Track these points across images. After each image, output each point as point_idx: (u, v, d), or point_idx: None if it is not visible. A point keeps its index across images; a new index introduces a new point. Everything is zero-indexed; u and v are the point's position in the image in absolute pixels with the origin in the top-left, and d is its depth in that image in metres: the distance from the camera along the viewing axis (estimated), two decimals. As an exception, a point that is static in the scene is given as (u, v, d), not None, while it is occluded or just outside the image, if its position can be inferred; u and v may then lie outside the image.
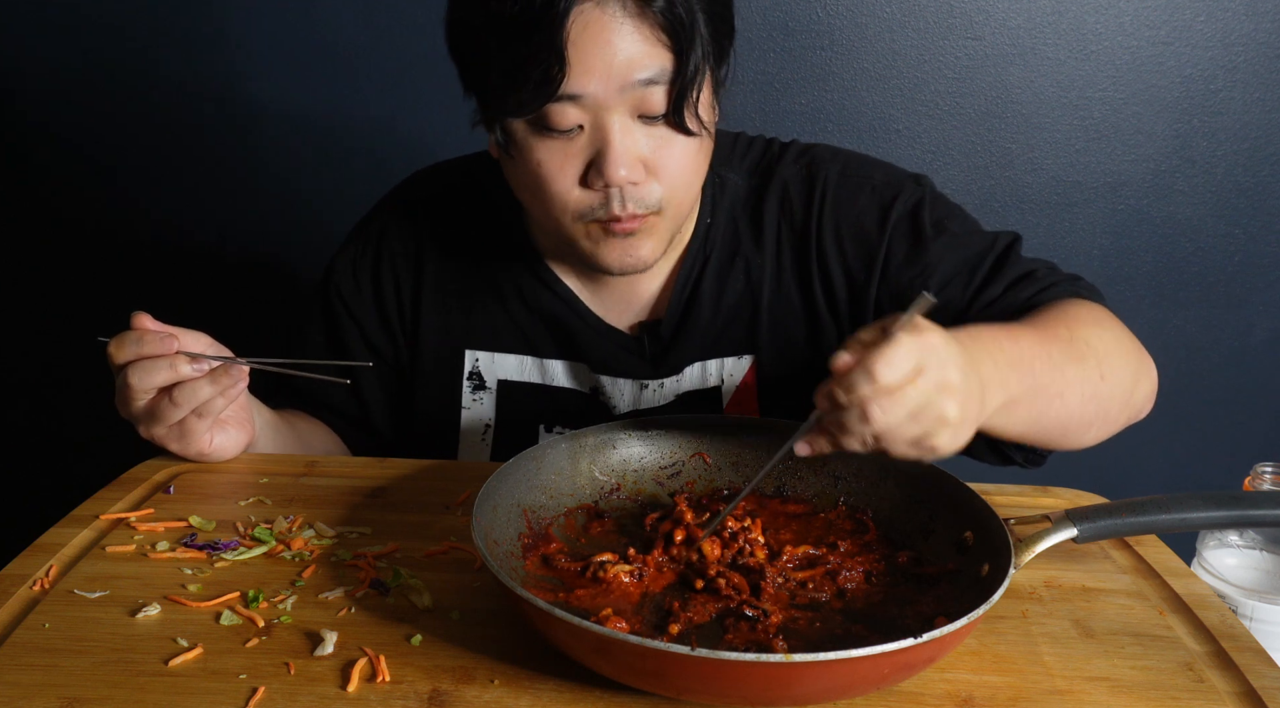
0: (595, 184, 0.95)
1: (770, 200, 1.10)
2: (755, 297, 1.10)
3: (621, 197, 0.95)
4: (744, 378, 1.11)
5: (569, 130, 0.93)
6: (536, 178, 0.96)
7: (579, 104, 0.92)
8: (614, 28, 0.89)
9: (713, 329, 1.11)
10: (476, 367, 1.14)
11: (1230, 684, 0.74)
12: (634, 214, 0.96)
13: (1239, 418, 1.90)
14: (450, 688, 0.71)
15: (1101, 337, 0.93)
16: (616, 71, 0.90)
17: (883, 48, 1.73)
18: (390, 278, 1.16)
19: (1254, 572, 0.98)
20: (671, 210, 0.99)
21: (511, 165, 1.00)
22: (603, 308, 1.13)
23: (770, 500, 0.94)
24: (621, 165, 0.93)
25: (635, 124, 0.94)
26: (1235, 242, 1.82)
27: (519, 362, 1.14)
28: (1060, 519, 0.79)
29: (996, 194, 1.80)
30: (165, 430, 0.99)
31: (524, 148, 0.96)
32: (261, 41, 1.74)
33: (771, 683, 0.64)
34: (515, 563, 0.81)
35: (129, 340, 0.95)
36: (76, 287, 1.88)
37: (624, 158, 0.93)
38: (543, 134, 0.94)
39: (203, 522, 0.92)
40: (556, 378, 1.13)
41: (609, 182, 0.94)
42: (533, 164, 0.96)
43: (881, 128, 1.77)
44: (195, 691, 0.70)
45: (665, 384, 1.12)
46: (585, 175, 0.95)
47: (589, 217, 0.97)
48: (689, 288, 1.11)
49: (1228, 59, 1.73)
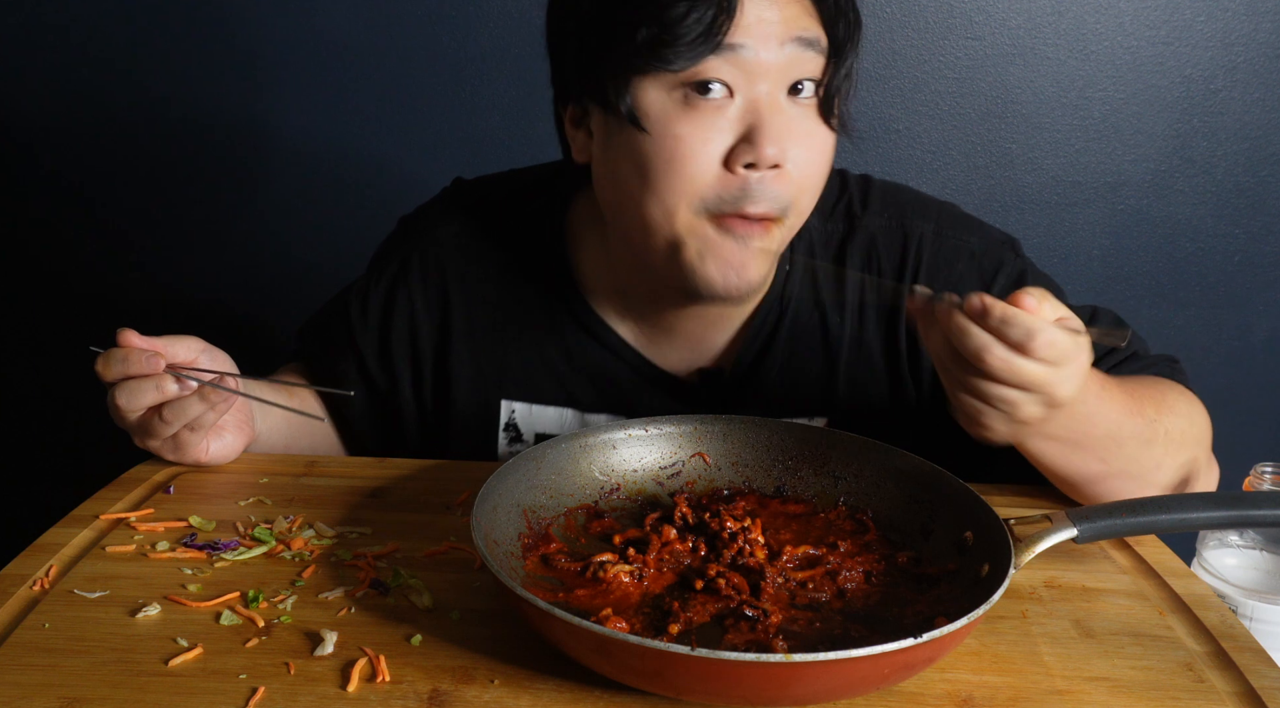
0: (740, 163, 0.86)
1: (855, 254, 1.03)
2: (833, 357, 1.03)
3: (758, 188, 0.88)
4: None
5: (718, 97, 0.86)
6: (673, 155, 0.86)
7: (736, 61, 0.85)
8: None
9: (782, 386, 1.03)
10: (514, 418, 1.07)
11: (1230, 684, 0.74)
12: (764, 214, 0.89)
13: (1239, 418, 1.89)
14: (450, 688, 0.71)
15: (1184, 432, 0.93)
16: (779, 28, 0.85)
17: (883, 48, 1.73)
18: (405, 323, 1.10)
19: (1254, 572, 0.98)
20: (792, 219, 0.92)
21: (629, 150, 0.89)
22: (658, 353, 1.04)
23: (770, 500, 0.94)
24: (774, 141, 0.86)
25: (785, 101, 0.88)
26: (1235, 242, 1.82)
27: (559, 414, 1.06)
28: (1060, 519, 0.79)
29: (996, 194, 1.80)
30: (159, 443, 0.98)
31: (663, 120, 0.87)
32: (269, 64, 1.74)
33: (771, 683, 0.64)
34: (515, 563, 0.81)
35: (115, 359, 0.93)
36: (76, 287, 1.88)
37: (779, 132, 0.86)
38: (689, 104, 0.86)
39: (203, 522, 0.92)
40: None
41: (759, 159, 0.86)
42: (671, 138, 0.86)
43: (881, 128, 1.77)
44: (195, 691, 0.70)
45: None
46: (728, 155, 0.87)
47: (717, 207, 0.88)
48: (762, 337, 1.02)
49: (1228, 59, 1.73)
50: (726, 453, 0.97)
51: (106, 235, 1.85)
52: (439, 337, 1.09)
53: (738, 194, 0.88)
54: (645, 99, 0.88)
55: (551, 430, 1.06)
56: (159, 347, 0.93)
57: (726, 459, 0.97)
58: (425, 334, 1.10)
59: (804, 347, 1.04)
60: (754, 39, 0.86)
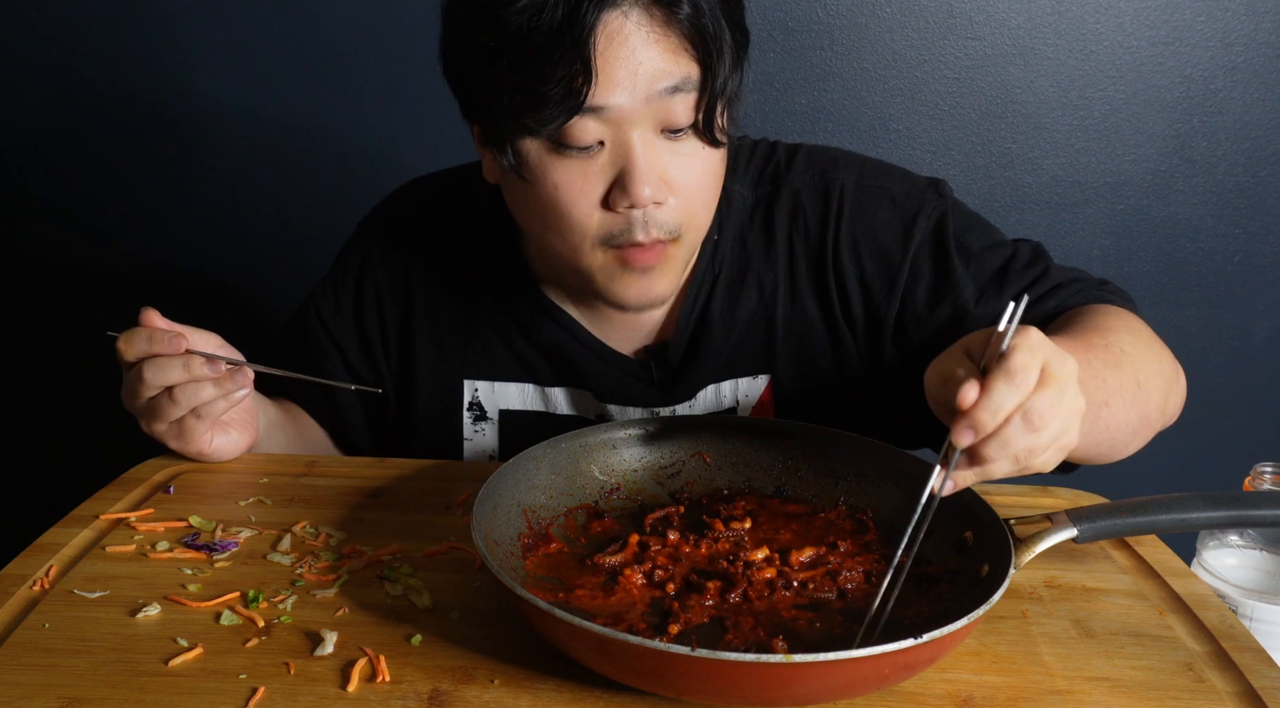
0: (619, 205, 0.91)
1: (781, 212, 1.06)
2: (769, 313, 1.07)
3: (644, 220, 0.92)
4: (760, 397, 1.08)
5: (589, 147, 0.89)
6: (553, 201, 0.92)
7: (602, 118, 0.88)
8: (640, 37, 0.86)
9: (725, 350, 1.07)
10: (476, 397, 1.10)
11: (1230, 684, 0.74)
12: (656, 240, 0.93)
13: (1239, 418, 1.90)
14: (450, 688, 0.71)
15: (1134, 343, 0.92)
16: (642, 81, 0.87)
17: (883, 48, 1.73)
18: (374, 309, 1.13)
19: (1254, 572, 0.98)
20: (689, 236, 0.96)
21: (521, 190, 0.95)
22: (605, 333, 1.08)
23: (770, 500, 0.94)
24: (647, 183, 0.89)
25: (657, 139, 0.91)
26: (1235, 242, 1.82)
27: (520, 390, 1.10)
28: (1060, 519, 0.79)
29: (996, 194, 1.80)
30: (165, 427, 0.99)
31: (540, 170, 0.91)
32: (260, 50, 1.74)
33: (771, 683, 0.64)
34: (515, 563, 0.81)
35: (139, 338, 0.95)
36: (75, 286, 1.88)
37: (649, 175, 0.89)
38: (561, 153, 0.90)
39: (203, 522, 0.92)
40: (560, 406, 1.10)
41: (634, 202, 0.90)
42: (549, 187, 0.91)
43: (881, 128, 1.77)
44: (195, 691, 0.70)
45: (677, 412, 1.08)
46: (606, 197, 0.91)
47: (609, 242, 0.93)
48: (698, 308, 1.06)
49: (1228, 59, 1.73)
50: (726, 453, 0.97)
51: (106, 234, 1.85)
52: (403, 321, 1.12)
53: (625, 227, 0.92)
54: (523, 149, 0.92)
55: (514, 406, 1.09)
56: (181, 329, 0.96)
57: (726, 459, 0.97)
58: (391, 320, 1.12)
59: (741, 310, 1.06)
60: (617, 97, 0.88)
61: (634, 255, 0.94)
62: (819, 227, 1.05)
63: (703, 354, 1.06)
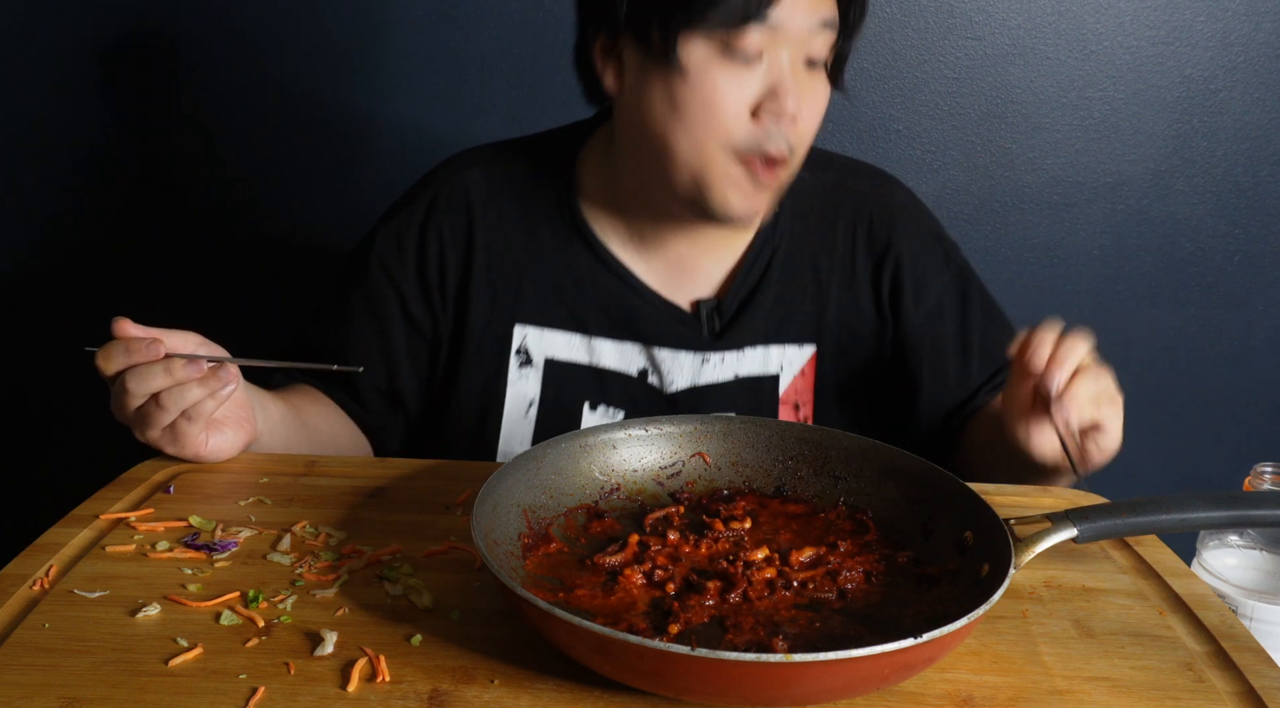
0: (763, 114, 1.00)
1: (844, 207, 1.18)
2: (823, 292, 1.16)
3: (781, 134, 1.01)
4: (804, 367, 1.14)
5: (750, 58, 0.99)
6: (710, 101, 0.99)
7: (774, 32, 0.99)
8: None
9: (777, 314, 1.14)
10: (525, 343, 1.14)
11: (1230, 684, 0.74)
12: (782, 154, 1.02)
13: (1239, 418, 1.90)
14: (450, 688, 0.71)
15: None
16: (808, 10, 1.00)
17: (883, 48, 1.73)
18: (436, 249, 1.16)
19: (1254, 572, 0.98)
20: (794, 162, 1.06)
21: (666, 93, 1.01)
22: (660, 283, 1.14)
23: (770, 500, 0.94)
24: (793, 98, 1.00)
25: (801, 68, 1.02)
26: (1235, 242, 1.82)
27: (567, 340, 1.14)
28: (1060, 519, 0.79)
29: (996, 194, 1.80)
30: (158, 434, 0.99)
31: (703, 69, 0.99)
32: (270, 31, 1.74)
33: (771, 683, 0.64)
34: (515, 563, 0.81)
35: (116, 350, 0.94)
36: (75, 285, 1.88)
37: (795, 92, 1.00)
38: (727, 57, 0.99)
39: (203, 522, 0.92)
40: (603, 359, 1.14)
41: (781, 112, 1.00)
42: (709, 87, 0.99)
43: (881, 128, 1.77)
44: (195, 691, 0.70)
45: (726, 359, 1.13)
46: (755, 108, 1.01)
47: (746, 149, 1.01)
48: (757, 270, 1.15)
49: (1228, 59, 1.73)
50: (726, 453, 0.97)
51: (106, 233, 1.85)
52: (463, 269, 1.16)
53: (761, 137, 1.01)
54: (688, 46, 0.99)
55: (560, 355, 1.14)
56: (157, 334, 0.95)
57: (726, 459, 0.97)
58: (452, 267, 1.16)
59: (795, 281, 1.16)
60: (789, 16, 0.99)
61: (762, 170, 1.03)
62: (884, 229, 1.18)
63: (755, 312, 1.14)
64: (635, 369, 1.13)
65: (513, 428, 1.14)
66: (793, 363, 1.14)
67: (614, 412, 1.13)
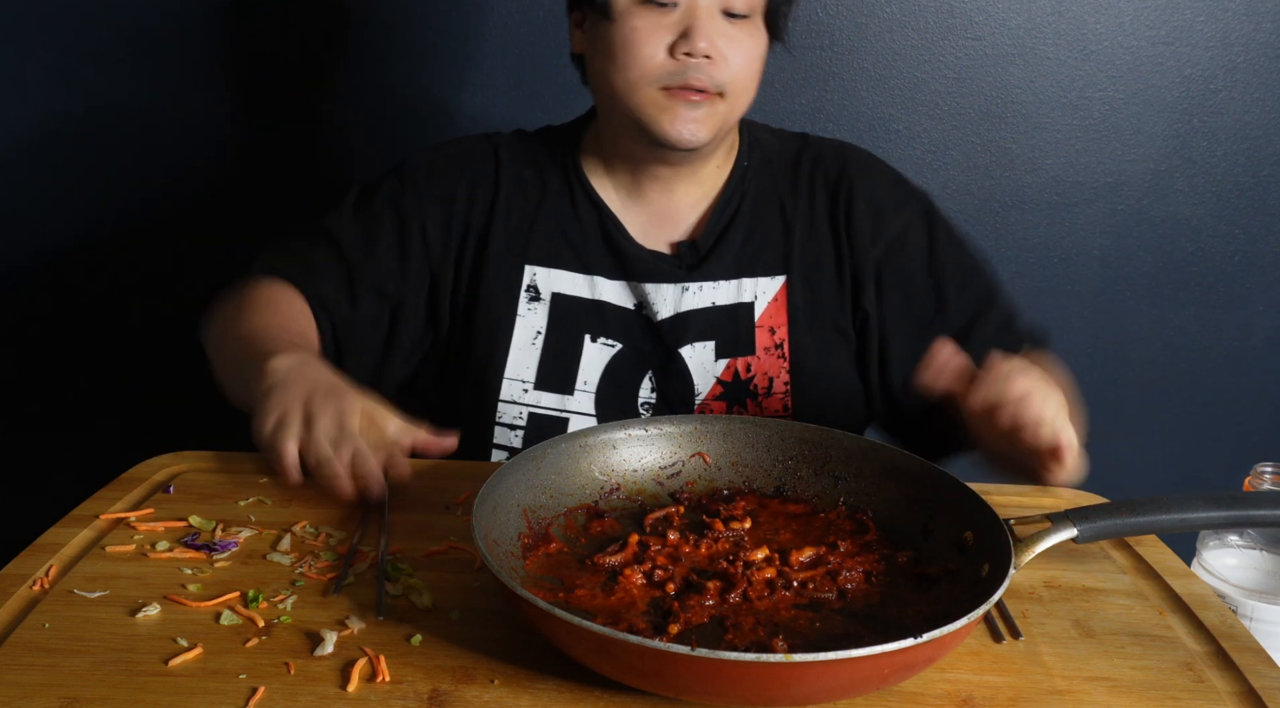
0: (678, 53, 1.13)
1: (806, 160, 1.30)
2: (789, 229, 1.27)
3: (697, 69, 1.13)
4: (775, 294, 1.25)
5: (665, 4, 1.13)
6: (629, 41, 1.14)
7: None
8: None
9: (749, 249, 1.26)
10: (534, 280, 1.26)
11: (1230, 684, 0.74)
12: (704, 86, 1.14)
13: (1239, 418, 1.89)
14: (450, 688, 0.71)
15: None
16: None
17: (883, 48, 1.73)
18: (465, 190, 1.27)
19: (1254, 572, 0.98)
20: (730, 99, 1.17)
21: (603, 37, 1.16)
22: (641, 229, 1.27)
23: (770, 500, 0.94)
24: (704, 38, 1.12)
25: (719, 17, 1.14)
26: (1235, 242, 1.82)
27: (571, 278, 1.26)
28: (1060, 519, 0.79)
29: (996, 194, 1.79)
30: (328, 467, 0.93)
31: (624, 16, 1.14)
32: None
33: (771, 683, 0.64)
34: (515, 563, 0.81)
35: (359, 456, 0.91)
36: (74, 285, 1.88)
37: (707, 34, 1.12)
38: (646, 7, 1.13)
39: (203, 522, 0.92)
40: (603, 294, 1.25)
41: (692, 50, 1.12)
42: (628, 29, 1.14)
43: (881, 128, 1.76)
44: (195, 691, 0.70)
45: (704, 289, 1.24)
46: (671, 47, 1.13)
47: (663, 81, 1.14)
48: (727, 212, 1.26)
49: (1228, 59, 1.73)
50: (726, 453, 0.97)
51: (106, 231, 1.85)
52: (488, 212, 1.28)
53: (680, 71, 1.14)
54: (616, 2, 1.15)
55: (565, 291, 1.25)
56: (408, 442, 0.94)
57: (726, 459, 0.97)
58: (479, 209, 1.28)
59: (763, 221, 1.27)
60: None
61: (682, 92, 1.14)
62: (838, 174, 1.29)
63: (726, 248, 1.25)
64: (632, 304, 1.25)
65: (519, 355, 1.25)
66: (765, 292, 1.25)
67: (611, 342, 1.24)
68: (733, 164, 1.28)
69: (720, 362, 1.23)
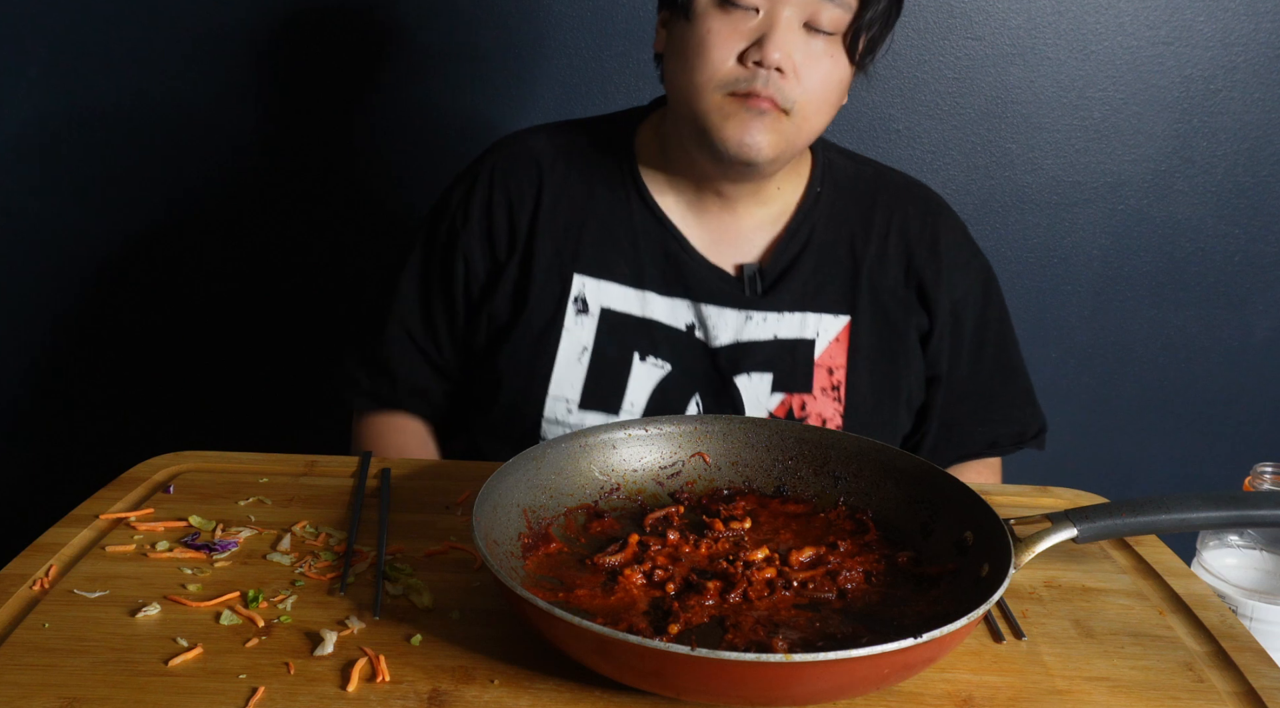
0: (749, 60, 1.08)
1: (884, 194, 1.25)
2: (857, 268, 1.22)
3: (765, 79, 1.07)
4: (838, 334, 1.20)
5: (746, 9, 1.08)
6: (702, 43, 1.09)
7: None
8: None
9: (814, 282, 1.21)
10: (583, 291, 1.20)
11: (1230, 684, 0.74)
12: (771, 96, 1.08)
13: (1239, 418, 1.89)
14: (450, 688, 0.71)
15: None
16: None
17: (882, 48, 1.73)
18: (504, 204, 1.22)
19: (1254, 572, 0.98)
20: (798, 118, 1.11)
21: (680, 36, 1.12)
22: (705, 245, 1.21)
23: (770, 500, 0.94)
24: (778, 49, 1.07)
25: (799, 30, 1.09)
26: (1235, 242, 1.82)
27: (622, 292, 1.20)
28: (1060, 519, 0.79)
29: (996, 194, 1.79)
30: None
31: (702, 18, 1.10)
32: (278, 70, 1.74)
33: (771, 683, 0.64)
34: (515, 563, 0.81)
35: None
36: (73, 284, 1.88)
37: (782, 45, 1.07)
38: (725, 10, 1.09)
39: (203, 522, 0.92)
40: (654, 312, 1.19)
41: (763, 60, 1.07)
42: (703, 30, 1.09)
43: (881, 128, 1.76)
44: (195, 691, 0.70)
45: (768, 320, 1.19)
46: (744, 54, 1.08)
47: (731, 87, 1.09)
48: (798, 240, 1.21)
49: (1228, 59, 1.73)
50: (726, 453, 0.97)
51: (106, 230, 1.85)
52: (530, 221, 1.22)
53: (748, 78, 1.08)
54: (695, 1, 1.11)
55: (615, 306, 1.19)
56: None
57: (726, 459, 0.97)
58: (521, 219, 1.22)
59: (832, 255, 1.22)
60: None
61: (749, 98, 1.09)
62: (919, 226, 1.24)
63: (794, 278, 1.20)
64: (684, 324, 1.19)
65: (564, 371, 1.18)
66: (828, 330, 1.20)
67: (661, 363, 1.18)
68: (804, 188, 1.23)
69: (776, 395, 1.17)
